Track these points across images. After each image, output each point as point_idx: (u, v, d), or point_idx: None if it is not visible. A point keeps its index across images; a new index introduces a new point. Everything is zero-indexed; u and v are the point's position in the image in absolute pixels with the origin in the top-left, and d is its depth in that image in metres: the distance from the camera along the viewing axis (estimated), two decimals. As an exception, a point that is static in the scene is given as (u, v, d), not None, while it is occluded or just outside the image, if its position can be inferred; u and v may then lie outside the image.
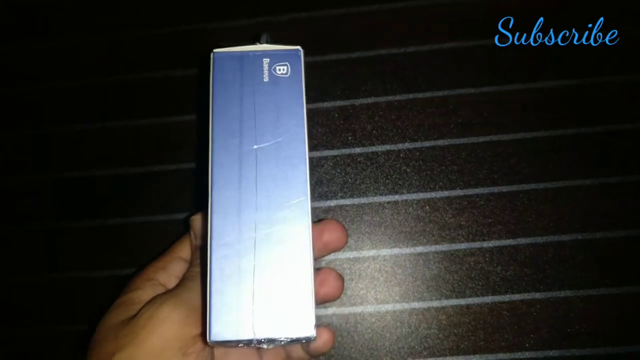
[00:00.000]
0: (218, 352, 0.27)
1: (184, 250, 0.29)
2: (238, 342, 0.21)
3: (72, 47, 0.42)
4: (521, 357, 0.36)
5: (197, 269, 0.26)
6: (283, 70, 0.24)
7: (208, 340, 0.21)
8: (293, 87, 0.24)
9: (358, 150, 0.39)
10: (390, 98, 0.40)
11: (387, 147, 0.39)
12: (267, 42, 0.25)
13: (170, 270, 0.28)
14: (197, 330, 0.24)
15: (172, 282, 0.27)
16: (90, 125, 0.40)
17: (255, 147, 0.23)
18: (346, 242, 0.29)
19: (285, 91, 0.24)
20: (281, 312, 0.21)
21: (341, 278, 0.28)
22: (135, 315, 0.24)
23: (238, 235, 0.22)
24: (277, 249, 0.22)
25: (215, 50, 0.24)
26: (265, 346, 0.22)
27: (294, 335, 0.21)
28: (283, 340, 0.21)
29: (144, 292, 0.26)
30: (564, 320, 0.37)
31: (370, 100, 0.40)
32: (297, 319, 0.21)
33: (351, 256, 0.38)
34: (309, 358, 0.29)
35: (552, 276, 0.37)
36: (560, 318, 0.37)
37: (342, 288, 0.28)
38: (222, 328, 0.21)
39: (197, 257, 0.27)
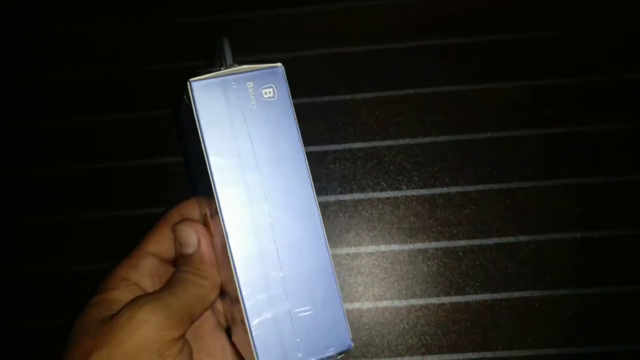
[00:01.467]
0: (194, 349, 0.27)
1: (154, 245, 0.29)
2: None
3: (77, 40, 0.41)
4: (519, 354, 0.36)
5: (184, 275, 0.27)
6: (270, 93, 0.24)
7: None
8: (283, 109, 0.23)
9: (358, 145, 0.39)
10: (390, 93, 0.40)
11: (387, 142, 0.39)
12: (229, 48, 0.24)
13: (141, 267, 0.28)
14: (176, 334, 0.24)
15: (144, 280, 0.28)
16: (93, 118, 0.40)
17: (260, 178, 0.23)
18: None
19: (276, 115, 0.23)
20: (320, 334, 0.23)
21: None
22: (114, 315, 0.25)
23: (265, 281, 0.22)
24: (305, 284, 0.23)
25: (191, 79, 0.23)
26: None
27: (335, 351, 0.23)
28: (326, 358, 0.23)
29: (119, 293, 0.27)
30: (563, 319, 0.37)
31: (370, 95, 0.40)
32: (334, 336, 0.23)
33: (350, 252, 0.38)
34: None
35: (551, 274, 0.37)
36: (559, 316, 0.37)
37: None
38: None
39: (184, 264, 0.27)
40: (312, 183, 0.23)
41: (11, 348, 0.37)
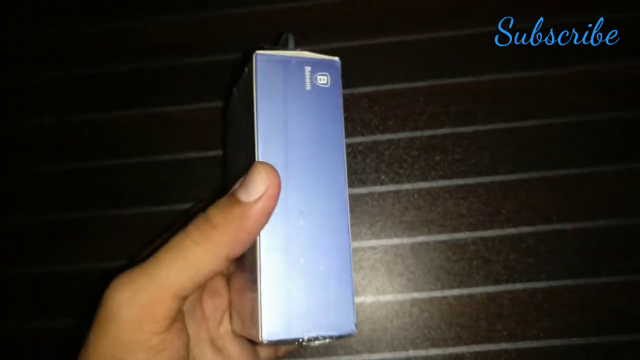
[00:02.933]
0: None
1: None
2: (287, 341, 0.23)
3: (94, 32, 0.41)
4: (523, 346, 0.36)
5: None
6: (324, 80, 0.25)
7: (260, 339, 0.22)
8: (332, 98, 0.25)
9: (358, 139, 0.39)
10: (390, 87, 0.39)
11: (388, 136, 0.39)
12: (294, 46, 0.26)
13: None
14: (161, 326, 0.22)
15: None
16: (97, 116, 0.40)
17: (299, 155, 0.24)
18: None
19: (325, 101, 0.25)
20: (327, 315, 0.23)
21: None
22: None
23: (284, 254, 0.23)
24: (321, 258, 0.24)
25: (258, 51, 0.25)
26: (311, 343, 0.23)
27: (337, 333, 0.23)
28: (327, 338, 0.23)
29: None
30: (566, 310, 0.36)
31: (370, 88, 0.39)
32: (340, 319, 0.23)
33: (352, 246, 0.38)
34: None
35: (554, 265, 0.37)
36: (562, 307, 0.36)
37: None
38: (273, 328, 0.22)
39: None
40: (346, 170, 0.25)
41: (10, 348, 0.37)
